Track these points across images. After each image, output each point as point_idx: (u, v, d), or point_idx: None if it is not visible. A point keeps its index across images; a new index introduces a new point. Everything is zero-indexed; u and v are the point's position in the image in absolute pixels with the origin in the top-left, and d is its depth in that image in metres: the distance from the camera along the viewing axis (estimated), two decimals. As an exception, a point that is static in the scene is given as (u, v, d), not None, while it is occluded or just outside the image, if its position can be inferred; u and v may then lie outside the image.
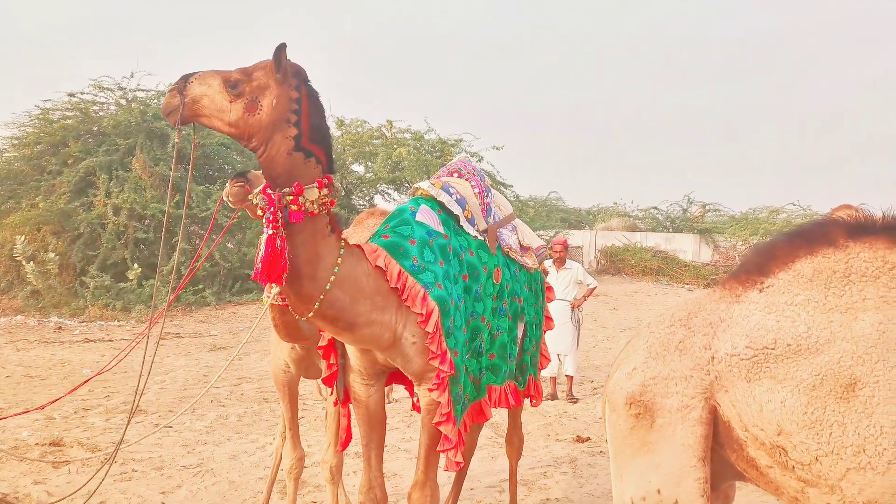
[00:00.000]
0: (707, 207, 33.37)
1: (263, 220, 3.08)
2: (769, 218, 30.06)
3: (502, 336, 4.16)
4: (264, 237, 3.08)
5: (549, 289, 4.98)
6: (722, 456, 2.48)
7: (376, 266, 3.53)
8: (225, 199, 3.68)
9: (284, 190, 3.08)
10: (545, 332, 4.88)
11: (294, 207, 3.11)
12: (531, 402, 4.76)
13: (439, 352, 3.59)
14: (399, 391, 7.27)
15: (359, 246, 3.54)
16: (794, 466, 2.26)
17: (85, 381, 4.65)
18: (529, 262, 4.57)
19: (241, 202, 3.66)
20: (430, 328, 3.57)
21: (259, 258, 3.08)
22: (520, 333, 4.38)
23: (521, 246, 4.54)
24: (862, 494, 2.15)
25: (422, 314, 3.57)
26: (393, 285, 3.54)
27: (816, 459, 2.20)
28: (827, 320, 2.27)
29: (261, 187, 3.13)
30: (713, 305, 2.53)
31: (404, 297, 3.56)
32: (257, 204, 3.13)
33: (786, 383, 2.26)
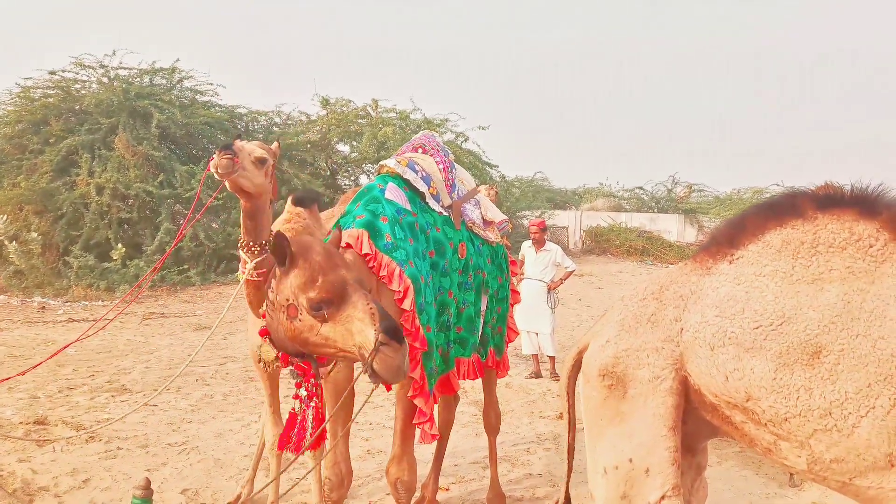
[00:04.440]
0: (692, 188, 33.50)
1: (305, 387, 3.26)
2: (753, 198, 30.19)
3: (468, 309, 4.25)
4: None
5: (513, 262, 5.05)
6: (698, 417, 2.53)
7: (362, 254, 3.58)
8: (213, 171, 3.66)
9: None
10: (512, 305, 4.95)
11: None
12: (498, 373, 4.85)
13: (413, 328, 3.65)
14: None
15: (349, 245, 3.60)
16: (766, 423, 2.31)
17: (57, 353, 4.65)
18: (492, 236, 4.66)
19: (228, 174, 3.65)
20: (406, 305, 3.63)
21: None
22: (483, 306, 4.47)
23: (485, 220, 4.62)
24: (829, 452, 2.22)
25: (399, 291, 3.62)
26: (371, 264, 3.59)
27: (785, 420, 2.26)
28: (794, 290, 2.31)
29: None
30: (684, 278, 2.58)
31: (381, 274, 3.61)
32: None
33: (753, 352, 2.30)
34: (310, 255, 2.95)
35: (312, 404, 3.23)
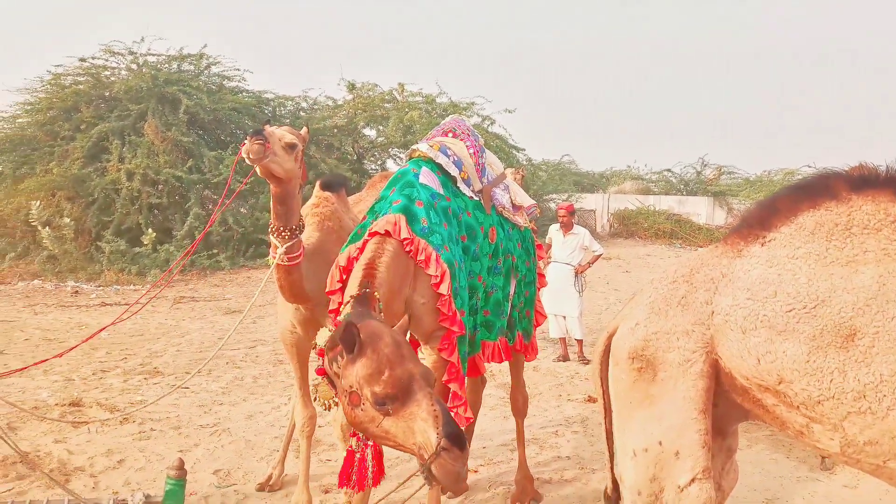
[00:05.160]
0: (722, 170, 33.05)
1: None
2: (784, 180, 29.74)
3: (496, 293, 4.26)
4: None
5: (539, 246, 5.05)
6: (729, 399, 2.52)
7: (400, 239, 3.60)
8: (244, 156, 3.68)
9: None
10: (539, 289, 4.95)
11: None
12: (526, 357, 4.86)
13: (450, 313, 3.66)
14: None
15: (387, 232, 3.61)
16: (798, 406, 2.29)
17: (92, 336, 4.72)
18: (521, 220, 4.66)
19: (260, 160, 3.68)
20: (443, 290, 3.64)
21: None
22: (511, 290, 4.47)
23: (514, 205, 4.61)
24: (863, 435, 2.19)
25: (436, 276, 3.63)
26: (408, 249, 3.60)
27: (819, 403, 2.23)
28: (828, 273, 2.28)
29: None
30: (715, 261, 2.55)
31: (418, 259, 3.62)
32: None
33: (786, 335, 2.28)
34: (378, 345, 2.84)
35: (371, 442, 3.17)
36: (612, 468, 2.99)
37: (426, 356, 3.82)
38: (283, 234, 3.89)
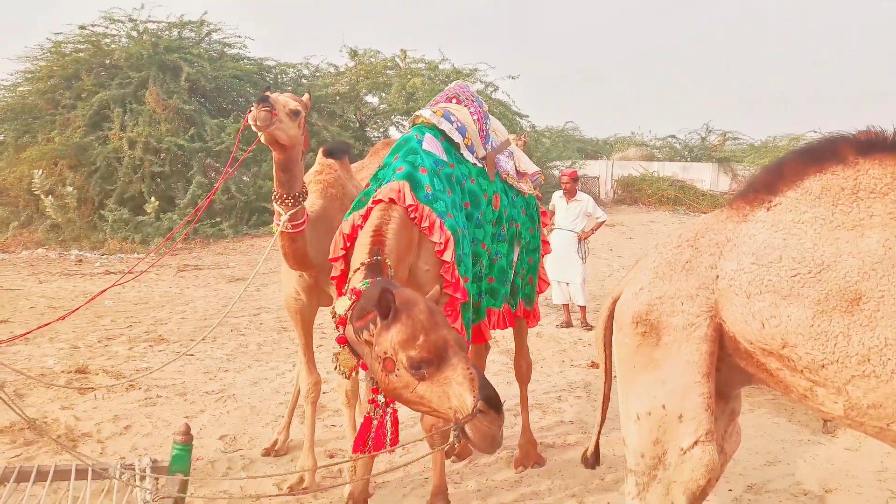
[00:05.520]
0: (726, 136, 32.79)
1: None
2: (789, 146, 29.49)
3: (500, 261, 4.26)
4: None
5: (544, 213, 5.03)
6: (732, 364, 2.52)
7: (405, 205, 3.59)
8: (251, 123, 3.67)
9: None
10: (543, 255, 4.95)
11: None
12: (528, 323, 4.87)
13: (453, 280, 3.66)
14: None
15: (392, 200, 3.60)
16: (802, 370, 2.30)
17: (93, 298, 4.73)
18: (525, 187, 4.64)
19: (266, 127, 3.67)
20: (447, 257, 3.64)
21: None
22: (515, 258, 4.47)
23: (518, 172, 4.58)
24: (867, 398, 2.20)
25: (440, 243, 3.63)
26: (412, 216, 3.59)
27: (823, 367, 2.24)
28: (833, 237, 2.27)
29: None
30: (720, 225, 2.54)
31: (422, 226, 3.62)
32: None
33: (791, 299, 2.28)
34: (413, 311, 2.86)
35: (390, 410, 3.17)
36: (598, 433, 3.02)
37: None
38: (286, 201, 3.88)
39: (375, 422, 3.21)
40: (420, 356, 2.78)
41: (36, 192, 15.51)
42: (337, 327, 3.13)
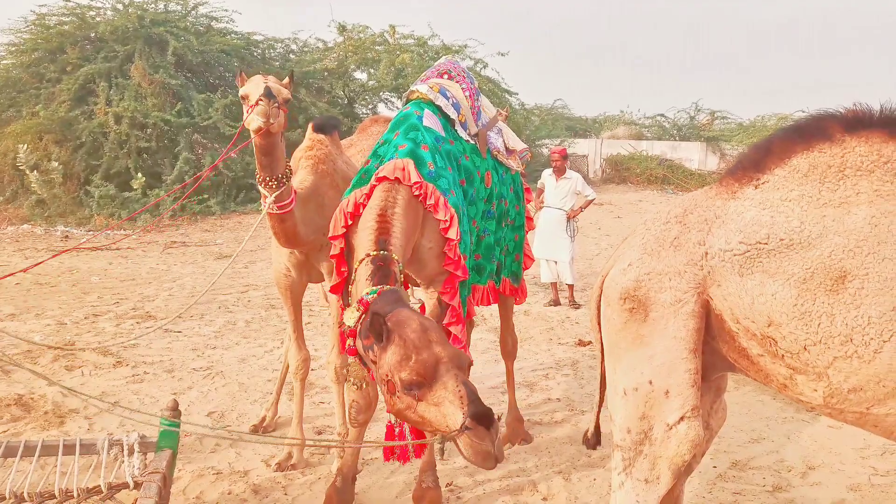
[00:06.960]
0: (715, 115, 32.79)
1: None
2: (777, 125, 29.45)
3: (488, 238, 4.26)
4: None
5: (528, 190, 5.03)
6: (714, 348, 2.54)
7: (411, 183, 3.57)
8: (257, 118, 3.63)
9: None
10: (527, 232, 4.96)
11: None
12: (516, 300, 4.89)
13: (456, 258, 3.66)
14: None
15: (397, 179, 3.57)
16: (783, 355, 2.31)
17: (43, 260, 4.72)
18: (514, 164, 4.63)
19: (273, 124, 3.66)
20: (452, 235, 3.62)
21: None
22: (502, 235, 4.48)
23: (507, 148, 4.57)
24: (848, 381, 2.22)
25: (445, 220, 3.61)
26: (417, 193, 3.58)
27: (805, 349, 2.25)
28: (820, 215, 2.28)
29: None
30: (709, 203, 2.55)
31: (427, 203, 3.60)
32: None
33: (777, 277, 2.29)
34: (405, 331, 2.84)
35: None
36: (598, 412, 3.03)
37: (426, 300, 3.84)
38: (269, 183, 3.84)
39: (397, 430, 3.29)
40: (410, 378, 2.78)
41: (21, 168, 15.34)
42: (346, 339, 3.14)
